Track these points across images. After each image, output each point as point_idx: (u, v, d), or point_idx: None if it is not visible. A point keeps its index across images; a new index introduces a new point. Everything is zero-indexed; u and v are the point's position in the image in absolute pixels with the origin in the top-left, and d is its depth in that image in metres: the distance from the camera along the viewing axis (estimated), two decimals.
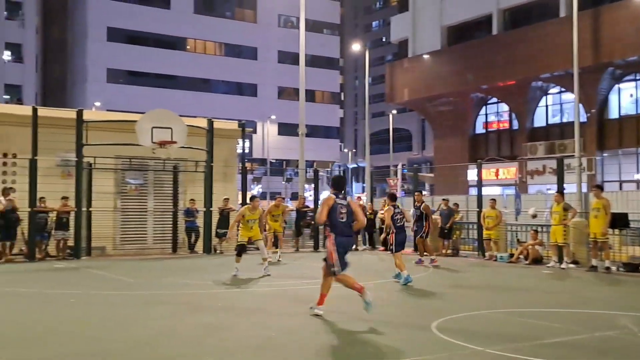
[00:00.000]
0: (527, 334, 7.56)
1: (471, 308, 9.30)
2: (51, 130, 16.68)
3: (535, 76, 35.93)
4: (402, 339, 7.27)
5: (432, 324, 7.86)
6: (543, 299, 10.49)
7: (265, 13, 65.19)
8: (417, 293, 11.52)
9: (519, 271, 15.20)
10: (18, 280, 12.88)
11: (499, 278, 14.03)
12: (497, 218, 17.65)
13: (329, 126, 69.53)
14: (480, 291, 11.76)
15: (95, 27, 56.42)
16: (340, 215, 8.40)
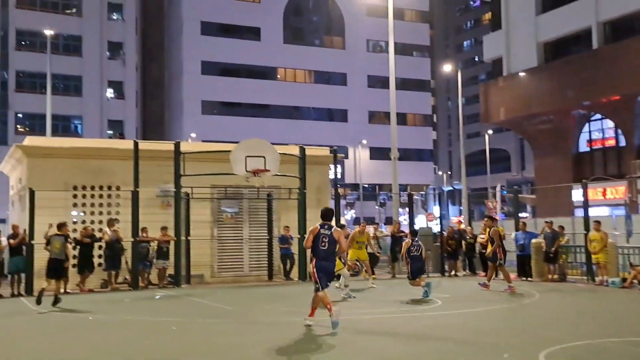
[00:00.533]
0: None
1: (581, 336, 8.74)
2: (151, 162, 17.27)
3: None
4: None
5: (540, 353, 7.45)
6: None
7: (354, 39, 65.69)
8: (523, 320, 10.97)
9: (633, 297, 14.16)
10: (123, 309, 13.27)
11: (611, 304, 13.15)
12: (603, 241, 16.68)
13: (422, 149, 68.67)
14: (590, 318, 11.02)
15: (190, 62, 58.84)
16: (322, 243, 9.68)
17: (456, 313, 11.78)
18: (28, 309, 13.39)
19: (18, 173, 19.98)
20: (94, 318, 11.76)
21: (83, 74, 51.49)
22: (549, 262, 18.16)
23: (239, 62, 59.78)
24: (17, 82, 49.57)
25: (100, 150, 19.12)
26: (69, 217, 17.79)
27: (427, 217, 45.61)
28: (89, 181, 18.25)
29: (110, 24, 53.66)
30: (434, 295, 13.91)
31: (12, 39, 49.40)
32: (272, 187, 18.89)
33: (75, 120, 52.05)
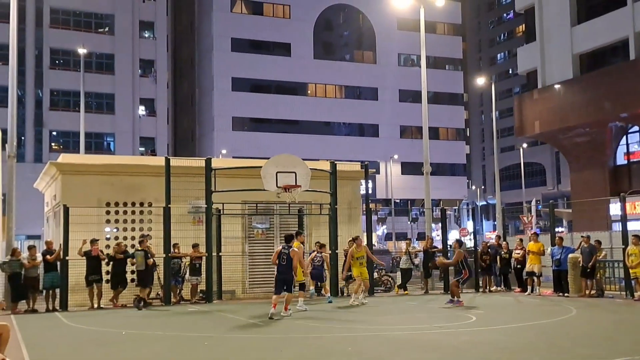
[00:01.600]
0: None
1: (619, 353, 8.49)
2: (182, 179, 17.38)
3: None
4: None
5: None
6: None
7: (385, 53, 65.63)
8: (559, 337, 10.68)
9: None
10: (156, 324, 13.29)
11: None
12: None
13: (454, 163, 68.05)
14: (628, 335, 10.66)
15: (221, 79, 59.44)
16: (282, 259, 13.42)
17: (491, 329, 11.52)
18: (63, 324, 13.51)
19: (52, 190, 20.31)
20: (126, 333, 11.79)
21: (115, 92, 52.35)
22: (586, 277, 17.73)
23: (269, 78, 60.21)
24: (52, 100, 50.56)
25: (132, 167, 19.34)
26: (102, 234, 17.98)
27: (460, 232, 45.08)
28: (121, 198, 18.43)
29: (142, 42, 54.55)
30: (468, 311, 13.64)
31: (46, 58, 50.47)
32: (303, 202, 18.81)
33: (108, 137, 52.87)
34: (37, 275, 16.30)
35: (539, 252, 18.90)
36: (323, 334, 11.22)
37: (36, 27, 49.79)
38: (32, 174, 28.92)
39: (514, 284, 20.19)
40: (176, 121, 67.27)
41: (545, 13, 41.96)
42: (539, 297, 18.14)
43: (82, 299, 16.76)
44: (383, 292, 20.61)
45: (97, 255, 16.55)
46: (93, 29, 52.51)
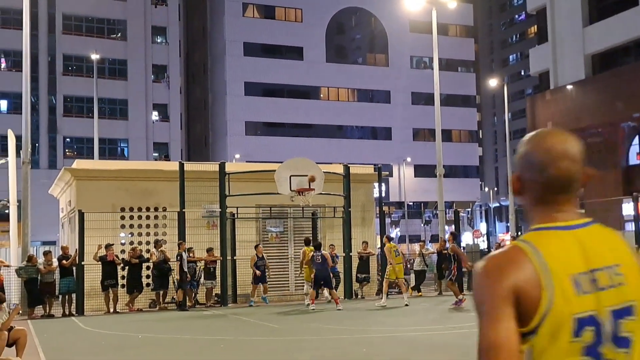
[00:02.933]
0: None
1: None
2: (196, 183, 17.48)
3: None
4: None
5: None
6: None
7: (397, 56, 65.59)
8: None
9: None
10: (172, 328, 13.39)
11: None
12: None
13: (467, 165, 67.83)
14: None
15: (234, 83, 59.62)
16: (317, 259, 15.46)
17: None
18: (79, 328, 13.64)
19: (67, 196, 20.50)
20: (143, 337, 11.89)
21: (128, 98, 52.60)
22: None
23: (281, 82, 60.36)
24: (65, 106, 50.83)
25: (146, 172, 19.51)
26: (117, 238, 18.13)
27: (473, 234, 44.91)
28: (136, 203, 18.57)
29: (155, 47, 54.80)
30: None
31: (59, 64, 50.76)
32: (317, 206, 18.87)
33: (121, 143, 53.15)
34: (53, 281, 16.46)
35: None
36: (338, 335, 11.26)
37: (49, 34, 50.17)
38: (47, 180, 29.23)
39: None
40: (189, 126, 67.55)
41: (557, 14, 41.81)
42: None
43: (98, 304, 16.91)
44: (397, 294, 20.60)
45: (112, 260, 16.69)
46: (105, 34, 52.86)
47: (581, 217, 1.64)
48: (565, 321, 1.48)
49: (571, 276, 1.51)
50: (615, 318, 1.52)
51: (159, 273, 17.02)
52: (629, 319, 1.53)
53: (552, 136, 1.75)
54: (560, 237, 1.58)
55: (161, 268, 16.99)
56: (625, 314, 1.53)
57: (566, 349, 1.48)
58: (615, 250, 1.61)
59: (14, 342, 8.25)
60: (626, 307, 1.54)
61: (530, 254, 1.51)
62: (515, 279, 1.48)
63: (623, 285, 1.55)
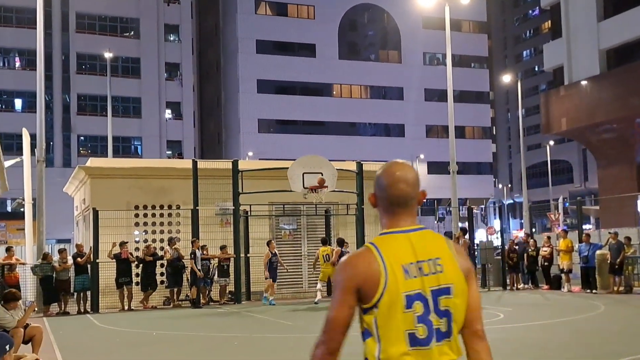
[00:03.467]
0: None
1: None
2: (210, 181, 17.53)
3: None
4: None
5: None
6: None
7: (410, 52, 65.35)
8: (588, 333, 10.61)
9: None
10: (187, 325, 13.45)
11: None
12: None
13: (481, 162, 67.49)
14: None
15: (246, 81, 59.68)
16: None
17: (519, 326, 11.47)
18: (94, 326, 13.74)
19: (82, 194, 20.64)
20: (157, 334, 11.95)
21: (142, 96, 52.83)
22: (614, 273, 17.62)
23: (294, 79, 60.33)
24: (79, 105, 51.12)
25: (160, 170, 19.58)
26: (132, 236, 18.23)
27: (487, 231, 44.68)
28: (149, 200, 18.66)
29: (167, 45, 54.97)
30: (496, 309, 13.57)
31: (73, 63, 51.05)
32: (330, 203, 18.86)
33: (135, 141, 53.39)
34: (68, 278, 16.58)
35: (568, 249, 18.77)
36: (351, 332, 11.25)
37: (62, 32, 50.47)
38: (61, 179, 29.41)
39: (541, 282, 20.08)
40: (202, 124, 67.72)
41: (571, 9, 41.45)
42: (568, 293, 18.01)
43: (113, 301, 17.02)
44: None
45: (126, 258, 16.79)
46: (119, 33, 53.10)
47: (415, 224, 2.30)
48: (397, 297, 2.15)
49: (402, 265, 2.18)
50: (435, 296, 2.20)
51: (173, 271, 17.10)
52: (446, 297, 2.21)
53: (395, 166, 2.39)
54: (396, 238, 2.25)
55: (175, 266, 17.07)
56: (444, 293, 2.21)
57: (402, 317, 2.16)
58: (438, 247, 2.27)
59: (29, 339, 8.33)
60: (444, 288, 2.21)
61: (373, 251, 2.21)
62: (361, 269, 2.19)
63: (441, 273, 2.22)
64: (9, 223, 39.60)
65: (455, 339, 2.26)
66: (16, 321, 8.17)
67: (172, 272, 17.12)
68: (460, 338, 2.31)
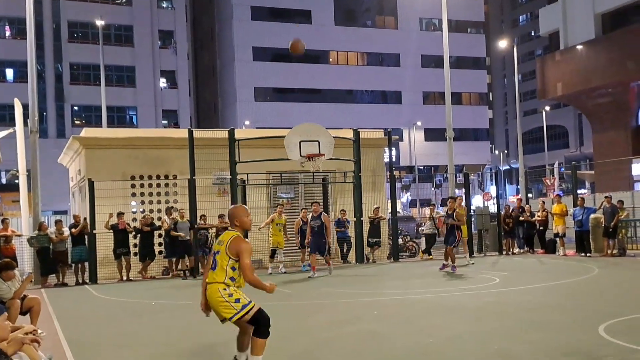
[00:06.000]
0: None
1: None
2: (206, 150, 17.44)
3: None
4: (565, 341, 6.96)
5: (599, 327, 7.40)
6: None
7: (406, 18, 64.70)
8: (582, 295, 10.84)
9: None
10: (186, 295, 13.51)
11: None
12: None
13: (477, 128, 67.41)
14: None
15: (242, 49, 59.12)
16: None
17: (515, 290, 11.60)
18: (93, 296, 13.81)
19: (77, 165, 20.55)
20: (157, 304, 12.02)
21: (136, 64, 52.26)
22: (608, 237, 17.88)
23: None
24: (72, 74, 50.48)
25: (156, 140, 19.48)
26: (128, 207, 18.21)
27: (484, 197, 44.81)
28: (146, 171, 18.61)
29: (161, 12, 54.17)
30: (492, 273, 13.70)
31: (64, 31, 50.17)
32: (327, 171, 18.85)
33: (130, 111, 53.00)
34: (65, 250, 16.60)
35: (562, 214, 18.93)
36: (349, 299, 11.36)
37: (52, 0, 49.70)
38: (56, 149, 29.26)
39: (537, 246, 20.27)
40: (198, 93, 67.25)
41: None
42: (562, 257, 18.19)
43: (111, 272, 17.08)
44: (408, 257, 20.74)
45: (124, 229, 16.80)
46: (110, 0, 52.30)
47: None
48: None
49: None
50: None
51: (171, 241, 17.12)
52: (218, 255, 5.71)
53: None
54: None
55: (173, 236, 17.08)
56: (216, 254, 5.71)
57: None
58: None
59: (27, 310, 8.35)
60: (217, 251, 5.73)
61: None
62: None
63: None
64: (4, 195, 39.49)
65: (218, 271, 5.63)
66: (12, 292, 8.19)
67: (170, 242, 17.14)
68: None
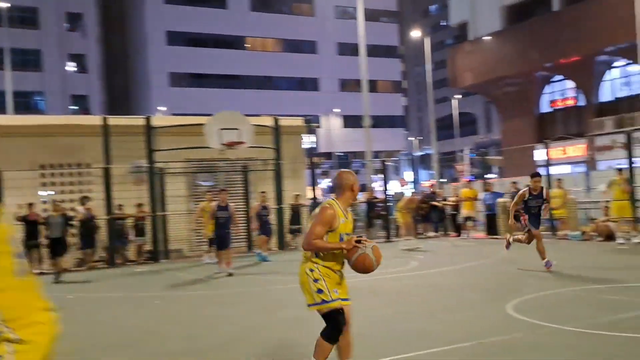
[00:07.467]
0: (604, 309, 7.54)
1: (546, 287, 9.20)
2: (122, 138, 17.08)
3: (599, 50, 34.47)
4: (478, 321, 7.34)
5: (506, 305, 7.85)
6: (618, 275, 10.22)
7: (322, 5, 64.99)
8: (492, 275, 11.46)
9: (592, 248, 14.76)
10: (103, 286, 13.28)
11: (573, 256, 13.72)
12: (564, 197, 17.53)
13: (393, 115, 68.86)
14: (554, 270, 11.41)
15: (155, 33, 57.57)
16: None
17: (432, 272, 12.13)
18: None
19: None
20: (74, 297, 11.75)
21: (42, 48, 49.93)
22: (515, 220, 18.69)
23: (206, 31, 58.75)
24: None
25: (67, 127, 18.83)
26: (38, 197, 17.58)
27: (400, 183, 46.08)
28: (57, 159, 18.02)
29: None
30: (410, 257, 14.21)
31: None
32: (247, 159, 18.89)
33: (36, 96, 50.67)
34: None
35: (473, 198, 19.84)
36: (275, 286, 11.53)
37: None
38: None
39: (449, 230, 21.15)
40: (109, 78, 64.97)
41: None
42: (472, 240, 19.09)
43: None
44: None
45: (34, 220, 16.22)
46: None
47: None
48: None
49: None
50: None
51: (86, 231, 16.69)
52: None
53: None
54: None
55: (88, 226, 16.67)
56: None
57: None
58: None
59: None
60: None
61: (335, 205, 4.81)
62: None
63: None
64: None
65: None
66: None
67: (85, 232, 16.71)
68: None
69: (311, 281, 4.78)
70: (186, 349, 6.75)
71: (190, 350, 6.71)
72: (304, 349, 6.44)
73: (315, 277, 4.78)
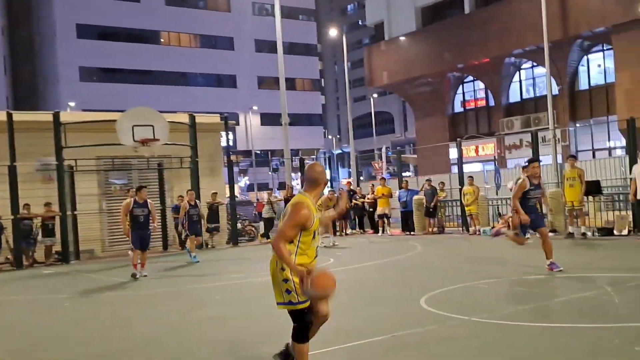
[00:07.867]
0: (510, 300, 8.06)
1: (458, 281, 9.50)
2: (28, 134, 16.35)
3: (508, 52, 35.98)
4: (393, 314, 7.55)
5: (421, 299, 8.08)
6: (525, 267, 10.65)
7: (239, 1, 64.51)
8: (407, 271, 11.78)
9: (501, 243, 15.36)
10: (9, 289, 12.70)
11: (483, 251, 14.24)
12: (475, 194, 18.16)
13: (311, 113, 69.28)
14: (465, 264, 11.90)
15: (64, 25, 55.30)
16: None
17: (349, 268, 12.29)
18: None
19: None
20: None
21: None
22: (429, 216, 19.54)
23: (118, 25, 57.00)
24: None
25: None
26: None
27: None
28: None
29: None
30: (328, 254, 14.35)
31: None
32: (163, 156, 18.50)
33: None
34: None
35: (388, 195, 20.30)
36: (192, 285, 11.38)
37: None
38: None
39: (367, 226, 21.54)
40: (15, 72, 61.96)
41: None
42: (389, 236, 19.51)
43: None
44: (247, 242, 21.04)
45: None
46: None
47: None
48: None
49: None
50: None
51: None
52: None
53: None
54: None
55: None
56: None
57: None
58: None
59: None
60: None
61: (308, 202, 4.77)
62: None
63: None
64: None
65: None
66: None
67: None
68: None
69: (281, 280, 4.74)
70: (99, 352, 6.55)
71: (103, 353, 6.52)
72: (221, 347, 6.39)
73: (285, 277, 4.71)
